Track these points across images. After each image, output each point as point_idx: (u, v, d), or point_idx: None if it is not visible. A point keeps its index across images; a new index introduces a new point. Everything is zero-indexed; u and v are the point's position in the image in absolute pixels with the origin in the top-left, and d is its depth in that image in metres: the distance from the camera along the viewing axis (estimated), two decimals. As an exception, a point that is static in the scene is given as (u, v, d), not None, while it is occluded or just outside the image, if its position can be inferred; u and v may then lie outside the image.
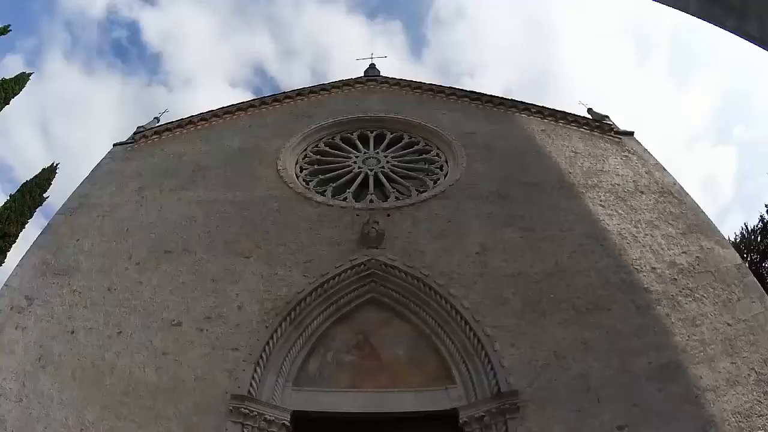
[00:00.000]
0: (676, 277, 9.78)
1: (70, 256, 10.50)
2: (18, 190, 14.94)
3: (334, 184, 12.14)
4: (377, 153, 13.36)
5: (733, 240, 17.69)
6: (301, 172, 12.62)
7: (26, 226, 14.64)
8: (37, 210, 15.24)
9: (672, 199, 11.44)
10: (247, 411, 7.99)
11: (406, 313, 9.39)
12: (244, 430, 7.91)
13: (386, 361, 8.98)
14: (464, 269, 9.68)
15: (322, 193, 11.63)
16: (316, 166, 12.92)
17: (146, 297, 9.63)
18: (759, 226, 19.47)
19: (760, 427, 7.86)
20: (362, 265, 9.63)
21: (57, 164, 16.23)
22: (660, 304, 9.32)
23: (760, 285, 9.81)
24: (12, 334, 9.32)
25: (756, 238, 19.31)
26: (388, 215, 10.67)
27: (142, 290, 9.75)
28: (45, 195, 15.47)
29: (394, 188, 12.01)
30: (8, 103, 16.03)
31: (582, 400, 8.10)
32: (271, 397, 8.35)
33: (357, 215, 10.65)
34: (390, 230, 10.22)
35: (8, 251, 13.86)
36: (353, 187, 12.01)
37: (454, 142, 12.97)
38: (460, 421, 8.18)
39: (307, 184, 12.04)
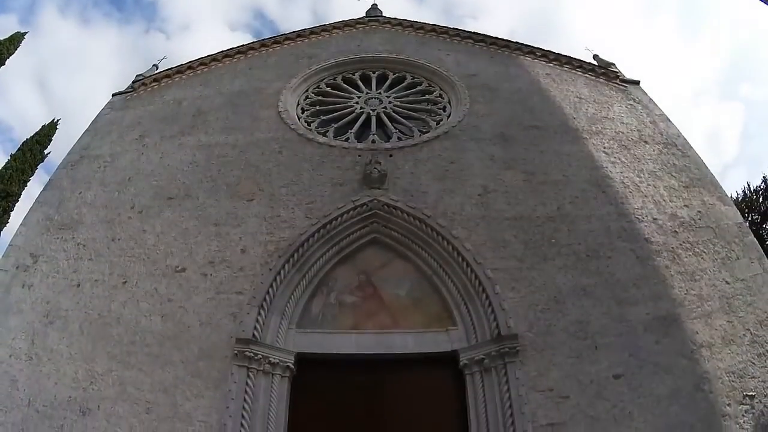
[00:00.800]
0: (677, 230, 9.64)
1: (72, 209, 10.39)
2: (18, 149, 14.58)
3: (336, 125, 11.82)
4: (379, 93, 12.96)
5: (734, 198, 17.21)
6: (302, 113, 12.26)
7: (28, 184, 14.44)
8: (39, 167, 14.98)
9: (676, 151, 11.17)
10: (251, 354, 7.95)
11: (408, 253, 9.25)
12: (249, 373, 7.88)
13: (388, 301, 8.90)
14: (466, 211, 9.51)
15: (324, 134, 11.32)
16: (317, 107, 12.56)
17: (150, 245, 9.52)
18: (762, 186, 18.99)
19: (752, 389, 7.90)
20: (364, 206, 9.43)
21: (58, 120, 15.87)
22: (660, 255, 9.20)
23: (759, 246, 9.70)
24: (19, 293, 9.30)
25: (758, 198, 18.84)
26: (391, 156, 10.40)
27: (145, 238, 9.63)
28: (46, 151, 15.15)
29: (396, 128, 11.70)
30: (3, 64, 15.64)
31: (580, 347, 8.07)
32: (275, 340, 8.32)
33: (359, 156, 10.40)
34: (392, 171, 10.01)
35: (11, 211, 13.70)
36: (355, 128, 11.71)
37: (457, 83, 12.54)
38: (460, 363, 8.15)
39: (309, 126, 11.70)
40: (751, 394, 7.84)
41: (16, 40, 16.10)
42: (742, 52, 48.71)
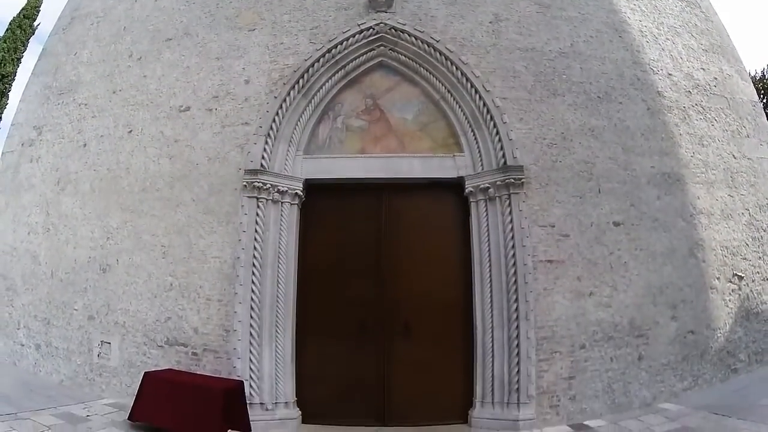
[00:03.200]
0: (690, 91, 9.26)
1: (70, 72, 10.02)
2: (7, 29, 13.90)
3: (340, -52, 10.84)
4: None
5: (752, 77, 16.19)
6: (304, -63, 11.15)
7: (22, 60, 13.90)
8: (31, 41, 14.37)
9: (699, 13, 10.43)
10: (260, 184, 7.87)
11: (416, 77, 8.76)
12: (259, 203, 7.84)
13: (395, 125, 8.62)
14: (476, 37, 8.89)
15: (328, -43, 10.38)
16: (319, -70, 11.41)
17: (152, 89, 9.17)
18: (784, 72, 17.98)
19: (742, 270, 8.09)
20: (371, 29, 8.79)
21: (42, -10, 14.94)
22: (671, 112, 8.90)
23: (771, 130, 9.51)
24: (28, 168, 9.31)
25: (777, 83, 17.92)
26: (398, -22, 9.68)
27: (146, 84, 9.26)
28: (36, 24, 14.39)
29: (403, -49, 10.68)
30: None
31: (584, 188, 8.02)
32: (283, 168, 8.16)
33: (365, -22, 9.69)
34: (399, -7, 9.39)
35: (9, 92, 13.30)
36: (360, -50, 10.77)
37: None
38: (466, 190, 8.07)
39: (311, -51, 10.68)
40: (740, 274, 8.03)
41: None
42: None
